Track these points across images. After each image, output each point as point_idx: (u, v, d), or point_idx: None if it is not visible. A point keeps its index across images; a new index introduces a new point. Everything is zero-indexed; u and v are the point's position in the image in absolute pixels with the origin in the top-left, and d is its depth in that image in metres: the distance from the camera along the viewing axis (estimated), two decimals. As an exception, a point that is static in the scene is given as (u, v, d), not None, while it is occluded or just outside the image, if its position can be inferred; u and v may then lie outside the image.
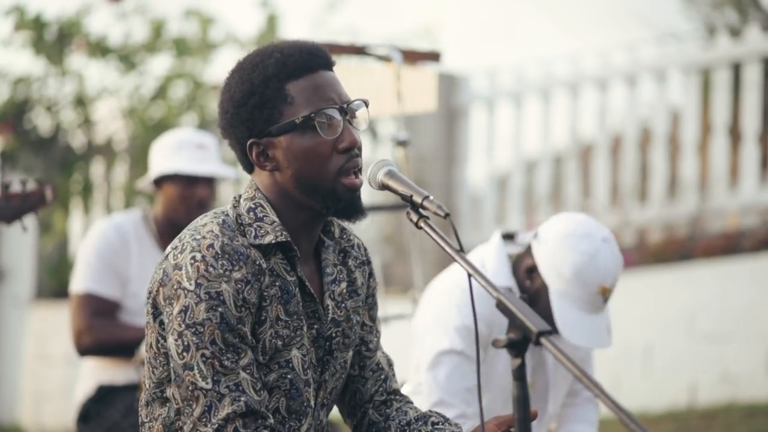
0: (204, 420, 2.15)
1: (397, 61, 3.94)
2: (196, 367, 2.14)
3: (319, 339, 2.29)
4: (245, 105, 2.23)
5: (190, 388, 2.15)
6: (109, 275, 4.05)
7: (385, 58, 3.97)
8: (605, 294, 3.02)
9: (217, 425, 2.14)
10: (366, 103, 2.27)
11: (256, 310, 2.18)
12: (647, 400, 6.12)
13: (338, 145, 2.21)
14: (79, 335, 4.03)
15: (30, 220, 3.56)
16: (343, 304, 2.33)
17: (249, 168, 2.29)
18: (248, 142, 2.24)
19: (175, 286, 2.16)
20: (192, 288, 2.14)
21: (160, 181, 4.11)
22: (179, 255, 2.17)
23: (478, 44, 15.67)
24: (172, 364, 2.18)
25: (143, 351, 3.89)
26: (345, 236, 2.39)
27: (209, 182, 4.09)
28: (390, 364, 2.49)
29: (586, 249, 2.99)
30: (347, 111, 2.23)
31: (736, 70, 7.07)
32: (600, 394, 1.82)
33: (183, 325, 2.14)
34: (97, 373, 4.09)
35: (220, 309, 2.13)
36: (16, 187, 3.38)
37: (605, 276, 3.00)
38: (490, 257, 3.13)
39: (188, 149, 4.08)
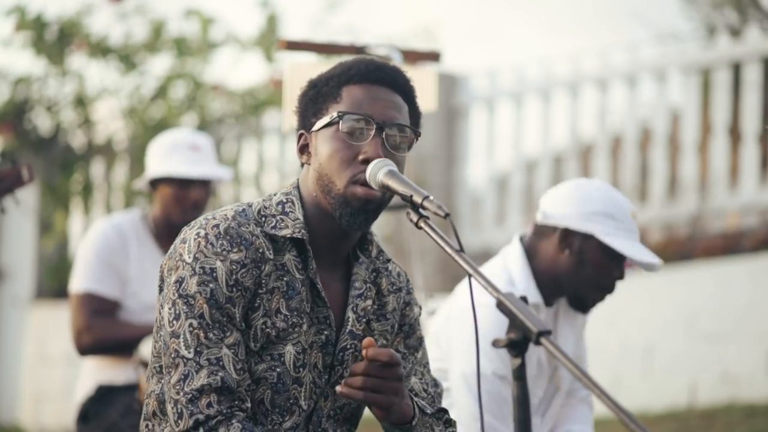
0: (178, 387, 2.16)
1: (397, 61, 3.94)
2: (182, 336, 2.17)
3: (327, 345, 2.29)
4: (304, 96, 2.31)
5: (173, 355, 2.18)
6: (109, 275, 4.06)
7: (385, 58, 3.97)
8: (635, 218, 3.10)
9: (190, 395, 2.15)
10: (416, 134, 2.28)
11: (250, 296, 2.21)
12: (647, 400, 6.12)
13: (359, 155, 2.23)
14: (78, 335, 4.03)
15: (29, 221, 3.54)
16: (364, 319, 2.33)
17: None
18: (299, 133, 2.31)
19: (176, 258, 2.22)
20: (189, 261, 2.19)
21: (156, 183, 4.11)
22: (188, 230, 2.25)
23: (476, 45, 15.67)
24: (162, 333, 2.22)
25: (143, 351, 3.89)
26: (382, 258, 2.40)
27: (203, 184, 4.10)
28: (429, 390, 2.43)
29: (599, 186, 3.12)
30: (383, 129, 2.24)
31: (736, 70, 7.06)
32: (600, 394, 1.82)
33: (176, 294, 2.19)
34: (97, 373, 4.09)
35: (211, 285, 2.17)
36: None
37: (625, 201, 3.11)
38: (517, 273, 3.14)
39: (182, 151, 4.08)
